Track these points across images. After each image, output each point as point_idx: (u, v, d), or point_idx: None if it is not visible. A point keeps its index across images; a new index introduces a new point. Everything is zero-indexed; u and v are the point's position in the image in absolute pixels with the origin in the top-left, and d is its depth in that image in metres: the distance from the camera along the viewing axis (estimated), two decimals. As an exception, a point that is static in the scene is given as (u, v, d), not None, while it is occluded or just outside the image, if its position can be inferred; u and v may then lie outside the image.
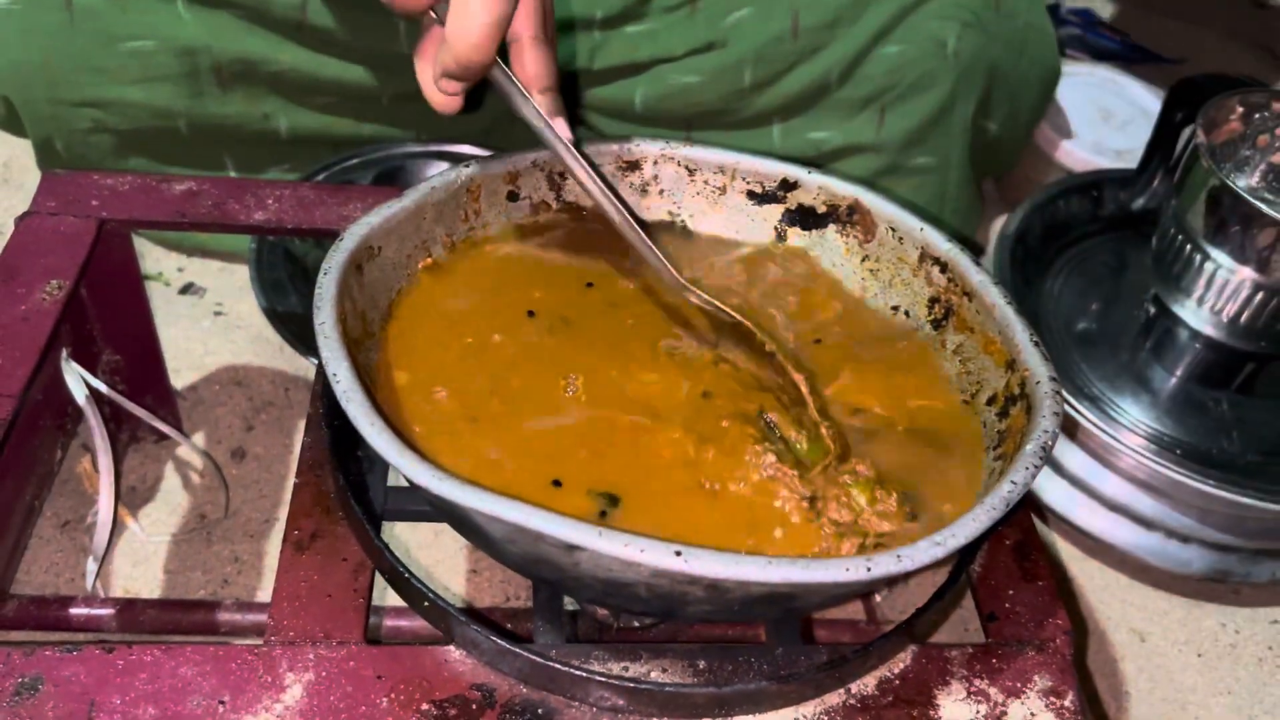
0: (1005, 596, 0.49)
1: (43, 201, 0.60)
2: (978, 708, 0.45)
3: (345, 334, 0.45)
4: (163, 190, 0.62)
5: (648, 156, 0.58)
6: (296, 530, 0.48)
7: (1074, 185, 0.85)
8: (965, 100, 0.79)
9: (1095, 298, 0.81)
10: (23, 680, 0.42)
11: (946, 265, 0.54)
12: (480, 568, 0.73)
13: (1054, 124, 0.99)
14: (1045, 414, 0.45)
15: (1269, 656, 0.75)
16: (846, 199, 0.57)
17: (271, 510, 0.74)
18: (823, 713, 0.44)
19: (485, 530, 0.40)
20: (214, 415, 0.79)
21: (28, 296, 0.56)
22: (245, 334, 0.85)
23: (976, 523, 0.40)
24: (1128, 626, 0.75)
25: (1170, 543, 0.74)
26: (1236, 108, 0.69)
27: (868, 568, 0.38)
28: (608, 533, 0.37)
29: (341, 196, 0.63)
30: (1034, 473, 0.43)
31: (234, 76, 0.76)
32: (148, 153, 0.80)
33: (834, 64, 0.77)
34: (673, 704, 0.43)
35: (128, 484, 0.74)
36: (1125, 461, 0.72)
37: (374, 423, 0.41)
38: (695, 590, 0.39)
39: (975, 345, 0.52)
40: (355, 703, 0.43)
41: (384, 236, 0.50)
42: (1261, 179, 0.66)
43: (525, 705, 0.43)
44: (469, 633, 0.44)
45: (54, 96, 0.74)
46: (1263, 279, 0.67)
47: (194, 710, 0.42)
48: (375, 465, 0.54)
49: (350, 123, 0.81)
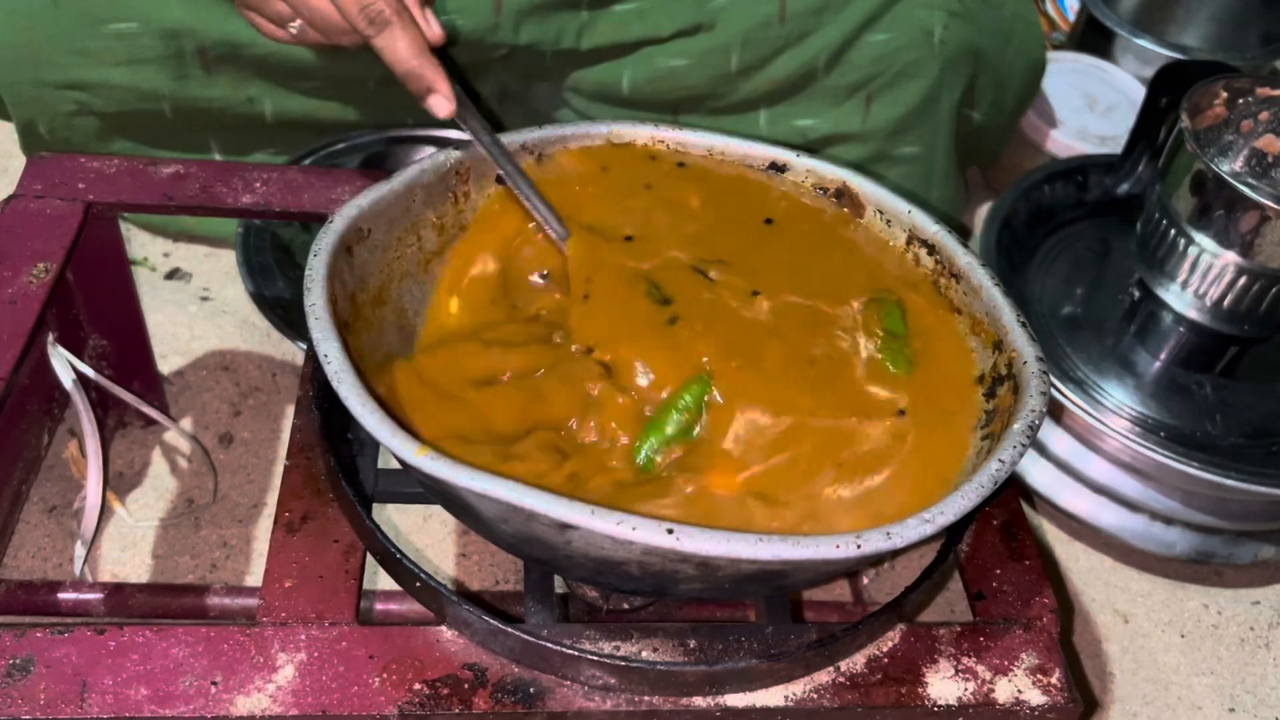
0: (992, 576, 0.50)
1: (28, 184, 0.60)
2: (965, 685, 0.45)
3: (335, 315, 0.45)
4: (150, 173, 0.61)
5: (638, 139, 0.58)
6: (287, 512, 0.48)
7: (1059, 171, 0.85)
8: (951, 89, 0.79)
9: (1080, 282, 0.81)
10: (14, 661, 0.42)
11: (934, 247, 0.54)
12: (469, 551, 0.73)
13: (1039, 111, 0.99)
14: (1033, 393, 0.46)
15: (1250, 637, 0.76)
16: (835, 182, 0.57)
17: (259, 495, 0.74)
18: (812, 690, 0.45)
19: (477, 510, 0.40)
20: (201, 400, 0.79)
21: (14, 280, 0.55)
22: (232, 319, 0.85)
23: (965, 500, 0.41)
24: (1112, 608, 0.76)
25: (1154, 525, 0.75)
26: (1220, 93, 0.70)
27: (857, 544, 0.38)
28: (600, 511, 0.38)
29: (329, 180, 0.63)
30: (1022, 451, 0.43)
31: (219, 59, 0.75)
32: (132, 136, 0.79)
33: (821, 50, 0.77)
34: (663, 682, 0.43)
35: (115, 469, 0.74)
36: (1110, 444, 0.72)
37: (365, 403, 0.41)
38: (686, 568, 0.40)
39: (963, 327, 0.52)
40: (347, 682, 0.43)
41: (374, 219, 0.50)
42: (1245, 164, 0.66)
43: (517, 684, 0.43)
44: (461, 613, 0.44)
45: (37, 78, 0.74)
46: (1246, 263, 0.68)
47: (186, 690, 0.42)
48: (365, 448, 0.54)
49: (336, 107, 0.81)
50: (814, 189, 0.57)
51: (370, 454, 0.54)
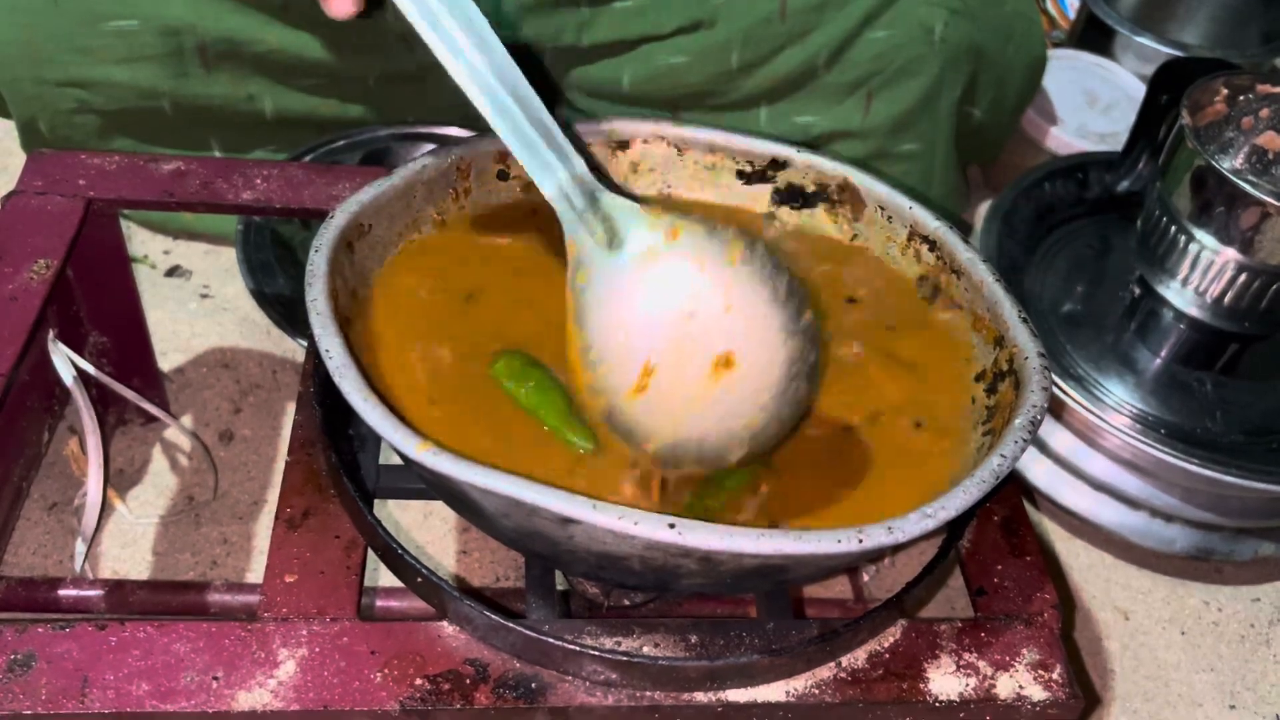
0: (994, 571, 0.50)
1: (29, 181, 0.60)
2: (967, 681, 0.45)
3: (337, 311, 0.45)
4: (150, 170, 0.61)
5: (638, 135, 0.58)
6: (288, 508, 0.48)
7: (1059, 168, 0.85)
8: (952, 87, 0.79)
9: (1081, 280, 0.81)
10: (15, 657, 0.42)
11: (935, 243, 0.54)
12: (470, 548, 0.73)
13: (1039, 108, 0.99)
14: (1034, 389, 0.46)
15: (1250, 634, 0.76)
16: (836, 178, 0.57)
17: (260, 492, 0.74)
18: (813, 686, 0.45)
19: (479, 504, 0.40)
20: (201, 397, 0.79)
21: (14, 276, 0.55)
22: (232, 316, 0.85)
23: (967, 495, 0.41)
24: (1112, 605, 0.76)
25: (1155, 522, 0.75)
26: (1221, 90, 0.70)
27: (859, 539, 0.38)
28: (602, 505, 0.38)
29: (330, 176, 0.63)
30: (1023, 446, 0.43)
31: (219, 57, 0.75)
32: (132, 133, 0.79)
33: (821, 47, 0.77)
34: (665, 677, 0.43)
35: (115, 466, 0.74)
36: (1110, 441, 0.72)
37: (368, 398, 0.41)
38: (688, 563, 0.40)
39: (964, 322, 0.52)
40: (349, 678, 0.43)
41: (375, 214, 0.50)
42: (1245, 160, 0.66)
43: (518, 679, 0.43)
44: (462, 608, 0.44)
45: (38, 76, 0.74)
46: (1246, 260, 0.68)
47: (187, 686, 0.42)
48: (366, 443, 0.54)
49: (336, 104, 0.81)
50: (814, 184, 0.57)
51: (371, 450, 0.54)
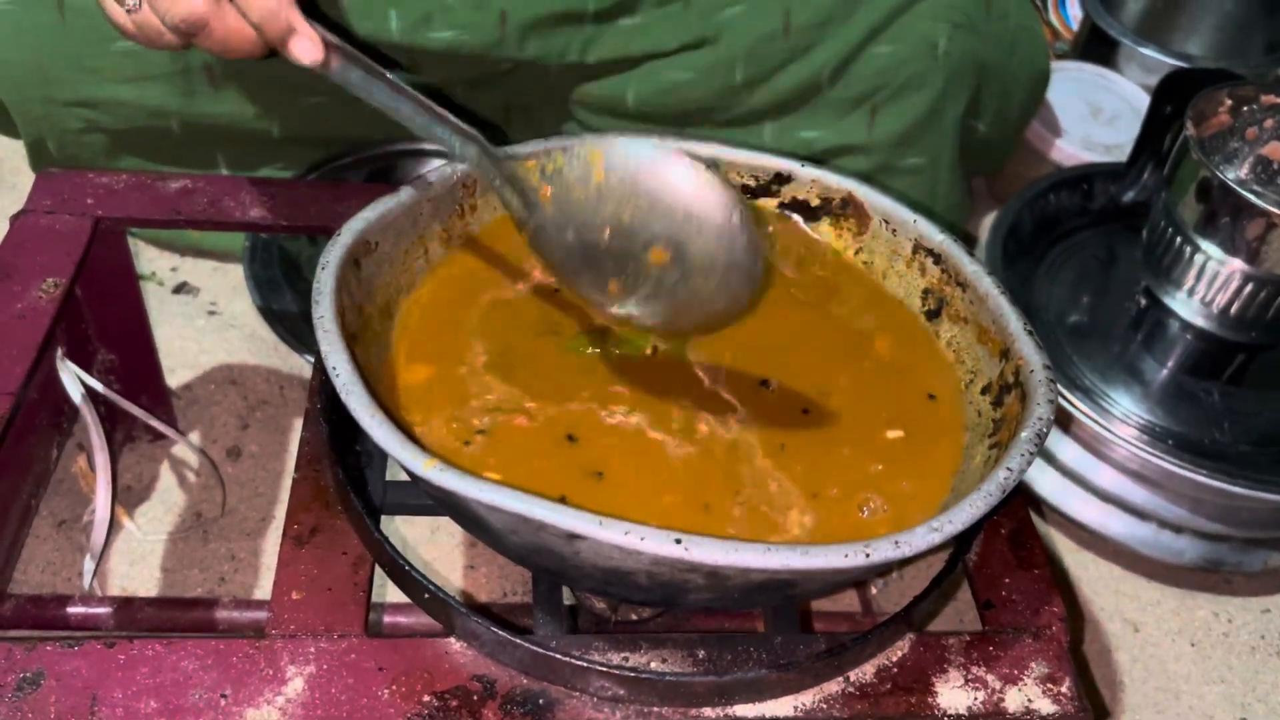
0: (1001, 584, 0.50)
1: (38, 200, 0.60)
2: (975, 695, 0.45)
3: (343, 328, 0.45)
4: (158, 188, 0.62)
5: (642, 151, 0.58)
6: (296, 525, 0.48)
7: (1064, 180, 0.85)
8: (955, 101, 0.79)
9: (1086, 291, 0.81)
10: (24, 675, 0.42)
11: (940, 256, 0.54)
12: (477, 564, 0.73)
13: (1043, 120, 0.99)
14: (1040, 401, 0.46)
15: (1261, 645, 0.75)
16: (840, 192, 0.57)
17: (267, 508, 0.74)
18: (822, 701, 0.44)
19: (486, 521, 0.40)
20: (209, 414, 0.79)
21: (23, 294, 0.56)
22: (239, 333, 0.85)
23: (974, 509, 0.41)
24: (1121, 617, 0.76)
25: (1163, 533, 0.75)
26: (1225, 101, 0.70)
27: (866, 554, 0.38)
28: (609, 521, 0.38)
29: (336, 194, 0.63)
30: (1030, 459, 0.43)
31: (225, 76, 0.75)
32: (140, 152, 0.80)
33: (825, 63, 0.77)
34: (673, 693, 0.43)
35: (124, 483, 0.74)
36: (1118, 453, 0.72)
37: (374, 415, 0.41)
38: (695, 578, 0.40)
39: (969, 335, 0.52)
40: (357, 694, 0.43)
41: (381, 232, 0.50)
42: (1250, 171, 0.66)
43: (526, 695, 0.43)
44: (470, 624, 0.44)
45: (46, 96, 0.74)
46: (1252, 270, 0.68)
47: (196, 703, 0.42)
48: (374, 460, 0.54)
49: (342, 122, 0.81)
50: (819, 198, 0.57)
51: (379, 466, 0.54)
